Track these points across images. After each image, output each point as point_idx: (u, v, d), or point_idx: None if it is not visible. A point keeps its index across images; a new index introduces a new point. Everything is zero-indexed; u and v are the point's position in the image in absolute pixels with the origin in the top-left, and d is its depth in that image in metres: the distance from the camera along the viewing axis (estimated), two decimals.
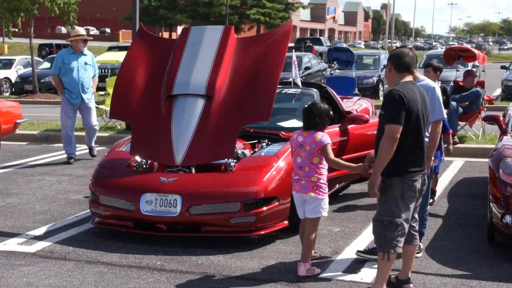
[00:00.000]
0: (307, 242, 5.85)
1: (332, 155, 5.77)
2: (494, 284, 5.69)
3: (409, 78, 5.27)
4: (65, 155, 11.35)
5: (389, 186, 5.08)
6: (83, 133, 12.10)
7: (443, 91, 8.96)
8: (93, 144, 11.85)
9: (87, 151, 11.89)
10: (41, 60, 30.74)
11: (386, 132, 5.00)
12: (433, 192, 8.31)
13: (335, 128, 8.41)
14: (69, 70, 11.13)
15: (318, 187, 5.75)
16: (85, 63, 11.28)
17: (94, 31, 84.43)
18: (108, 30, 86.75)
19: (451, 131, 8.15)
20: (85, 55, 11.35)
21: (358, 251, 6.28)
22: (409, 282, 5.52)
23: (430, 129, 5.84)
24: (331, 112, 6.01)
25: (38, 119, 16.04)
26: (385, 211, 5.14)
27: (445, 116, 6.10)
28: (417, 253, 6.12)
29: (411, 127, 5.06)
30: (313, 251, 6.07)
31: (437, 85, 6.05)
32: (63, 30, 73.18)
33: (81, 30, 11.86)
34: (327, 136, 5.81)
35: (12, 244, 6.81)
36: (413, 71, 5.39)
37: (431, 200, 7.99)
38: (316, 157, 5.74)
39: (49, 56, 32.57)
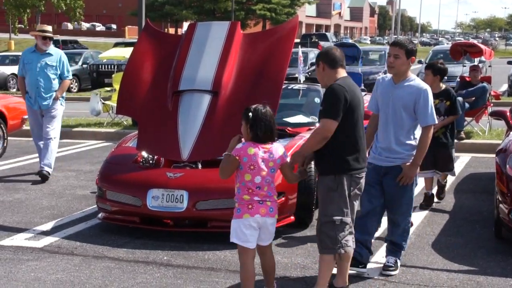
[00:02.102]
0: (273, 269, 5.17)
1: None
2: (501, 280, 5.68)
3: (343, 72, 5.11)
4: (72, 151, 11.17)
5: (338, 184, 4.97)
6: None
7: (448, 95, 7.99)
8: (44, 165, 9.62)
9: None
10: None
11: (321, 126, 4.89)
12: None
13: None
14: (29, 70, 9.67)
15: (277, 207, 5.06)
16: (46, 64, 9.61)
17: (100, 27, 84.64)
18: (114, 26, 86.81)
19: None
20: (49, 54, 9.69)
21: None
22: None
23: (420, 134, 5.60)
24: None
25: None
26: (335, 211, 4.99)
27: (436, 122, 5.77)
28: (393, 270, 5.75)
29: (355, 123, 4.98)
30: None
31: (429, 87, 5.64)
32: (70, 26, 73.29)
33: (44, 26, 10.01)
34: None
35: (19, 239, 6.84)
36: (345, 66, 5.19)
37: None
38: (275, 174, 4.97)
39: None
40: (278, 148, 4.95)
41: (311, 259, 6.15)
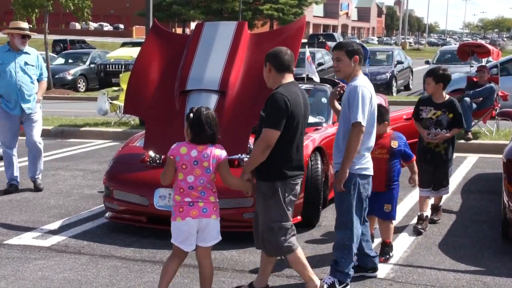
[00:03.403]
0: (211, 277, 5.10)
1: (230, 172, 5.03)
2: (508, 280, 5.67)
3: (290, 77, 5.11)
4: (80, 151, 11.18)
5: (275, 191, 4.99)
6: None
7: (452, 106, 7.14)
8: (38, 174, 9.13)
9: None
10: (55, 56, 30.91)
11: (263, 135, 4.90)
12: (387, 245, 6.24)
13: None
14: (4, 72, 8.64)
15: (217, 207, 4.96)
16: (26, 63, 8.76)
17: (108, 27, 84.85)
18: (121, 26, 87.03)
19: (414, 158, 6.33)
20: (26, 53, 8.82)
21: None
22: None
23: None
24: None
25: (53, 115, 16.13)
26: (274, 217, 5.01)
27: (359, 120, 5.15)
28: (373, 271, 5.71)
29: (293, 131, 4.97)
30: None
31: (361, 85, 5.27)
32: (77, 26, 73.55)
33: (20, 23, 9.08)
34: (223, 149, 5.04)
35: (27, 238, 6.87)
36: (293, 69, 5.18)
37: (386, 257, 6.17)
38: (213, 174, 4.89)
39: (63, 52, 32.76)
40: (215, 148, 4.89)
41: (318, 259, 6.15)
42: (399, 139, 6.21)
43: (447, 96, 7.21)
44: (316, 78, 9.24)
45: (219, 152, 4.89)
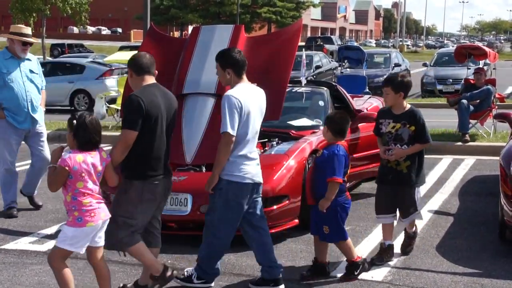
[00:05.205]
0: (109, 275, 5.18)
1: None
2: (505, 282, 5.67)
3: (151, 80, 5.21)
4: None
5: (129, 188, 5.07)
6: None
7: (413, 118, 6.07)
8: (36, 191, 8.40)
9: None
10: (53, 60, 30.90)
11: (121, 137, 4.99)
12: (351, 264, 5.78)
13: None
14: (10, 81, 7.63)
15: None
16: (31, 71, 7.82)
17: (106, 31, 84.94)
18: (119, 30, 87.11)
19: (334, 178, 5.52)
20: (29, 60, 7.86)
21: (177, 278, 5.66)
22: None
23: None
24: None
25: (50, 119, 16.08)
26: (122, 211, 5.09)
27: (227, 130, 5.16)
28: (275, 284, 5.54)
29: (151, 131, 5.03)
30: None
31: (229, 94, 5.31)
32: (75, 30, 73.63)
33: (22, 28, 7.93)
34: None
35: (24, 243, 6.86)
36: (154, 72, 5.27)
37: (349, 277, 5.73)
38: (101, 177, 4.95)
39: (61, 56, 32.76)
40: (102, 151, 4.94)
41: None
42: (328, 150, 5.62)
43: (408, 106, 6.18)
44: (303, 82, 9.35)
45: (106, 155, 4.96)
